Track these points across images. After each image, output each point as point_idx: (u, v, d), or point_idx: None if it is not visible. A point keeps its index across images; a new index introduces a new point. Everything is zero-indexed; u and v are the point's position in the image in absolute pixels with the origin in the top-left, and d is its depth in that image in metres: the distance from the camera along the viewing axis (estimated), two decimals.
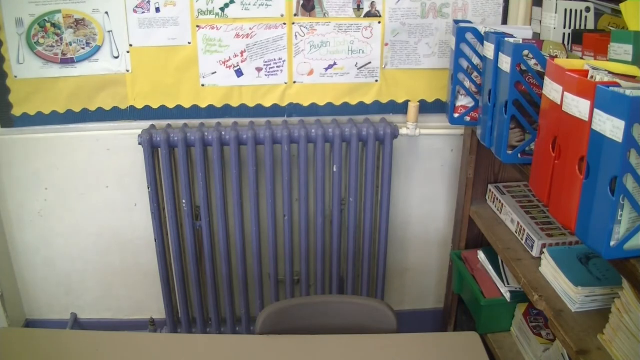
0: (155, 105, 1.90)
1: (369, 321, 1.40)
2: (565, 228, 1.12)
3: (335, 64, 1.89)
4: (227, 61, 1.86)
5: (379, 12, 1.84)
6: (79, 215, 2.05)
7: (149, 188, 1.90)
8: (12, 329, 1.99)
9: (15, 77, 1.82)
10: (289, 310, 1.40)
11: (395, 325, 1.40)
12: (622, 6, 1.28)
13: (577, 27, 1.58)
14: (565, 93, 1.04)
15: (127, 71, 1.85)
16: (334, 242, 2.03)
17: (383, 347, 1.32)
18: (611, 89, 0.91)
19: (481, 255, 1.88)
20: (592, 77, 1.01)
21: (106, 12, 1.78)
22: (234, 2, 1.79)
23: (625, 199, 0.94)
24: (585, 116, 0.97)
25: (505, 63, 1.35)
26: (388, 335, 1.36)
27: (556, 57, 1.37)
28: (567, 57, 1.39)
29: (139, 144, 1.84)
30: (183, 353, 1.29)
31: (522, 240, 1.66)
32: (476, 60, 1.62)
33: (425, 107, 1.96)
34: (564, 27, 1.59)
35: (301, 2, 1.81)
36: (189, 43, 1.83)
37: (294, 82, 1.91)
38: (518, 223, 1.69)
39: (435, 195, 2.14)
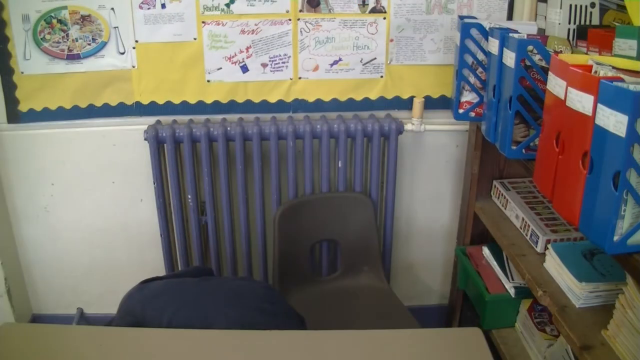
0: (161, 101, 1.90)
1: (353, 207, 1.97)
2: (569, 223, 1.12)
3: (340, 59, 1.90)
4: (233, 57, 1.87)
5: (384, 7, 1.84)
6: (85, 210, 2.06)
7: (154, 183, 1.91)
8: (19, 324, 2.00)
9: (22, 73, 1.83)
10: (298, 205, 1.95)
11: (373, 210, 1.96)
12: (627, 1, 1.28)
13: (582, 23, 1.58)
14: (569, 88, 1.04)
15: (133, 67, 1.86)
16: None
17: (386, 342, 1.32)
18: (614, 83, 0.91)
19: (486, 251, 1.88)
20: (595, 72, 1.01)
21: (112, 8, 1.79)
22: None
23: (629, 193, 0.93)
24: (588, 111, 0.97)
25: (510, 58, 1.35)
26: (391, 331, 1.37)
27: (560, 52, 1.37)
28: (572, 53, 1.39)
29: (145, 139, 1.85)
30: (188, 348, 1.30)
31: (526, 236, 1.66)
32: (481, 56, 1.62)
33: (430, 103, 1.96)
34: (569, 23, 1.58)
35: None
36: (195, 39, 1.83)
37: (299, 78, 1.91)
38: (523, 219, 1.69)
39: (440, 191, 2.14)
